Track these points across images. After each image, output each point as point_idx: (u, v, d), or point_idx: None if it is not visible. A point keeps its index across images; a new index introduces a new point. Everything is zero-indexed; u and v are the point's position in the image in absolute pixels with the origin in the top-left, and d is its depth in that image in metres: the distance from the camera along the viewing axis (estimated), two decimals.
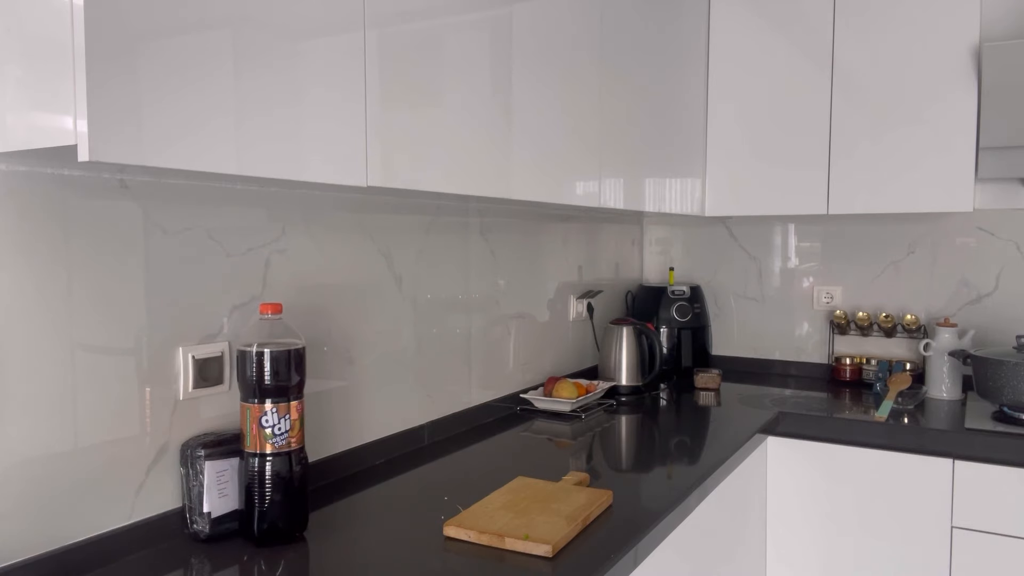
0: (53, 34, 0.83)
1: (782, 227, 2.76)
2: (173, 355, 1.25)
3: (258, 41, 1.01)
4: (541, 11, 1.64)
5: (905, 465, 1.99)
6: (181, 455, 1.25)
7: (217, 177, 1.10)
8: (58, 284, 1.09)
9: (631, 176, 2.09)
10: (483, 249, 2.02)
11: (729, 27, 2.51)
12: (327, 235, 1.53)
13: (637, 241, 2.99)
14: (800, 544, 2.15)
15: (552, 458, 1.71)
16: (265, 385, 1.20)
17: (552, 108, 1.70)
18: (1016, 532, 1.86)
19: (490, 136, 1.49)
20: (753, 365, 2.83)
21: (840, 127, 2.33)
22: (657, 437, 1.92)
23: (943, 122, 2.19)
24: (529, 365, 2.26)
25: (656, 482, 1.55)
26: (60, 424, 1.09)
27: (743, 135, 2.49)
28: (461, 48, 1.40)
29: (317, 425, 1.52)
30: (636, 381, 2.44)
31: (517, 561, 1.16)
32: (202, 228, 1.28)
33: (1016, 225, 2.37)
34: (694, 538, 1.60)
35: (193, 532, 1.24)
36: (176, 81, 0.90)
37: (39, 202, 1.06)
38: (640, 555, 1.28)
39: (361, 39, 1.18)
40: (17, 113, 0.88)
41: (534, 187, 1.65)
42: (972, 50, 2.15)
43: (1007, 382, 1.97)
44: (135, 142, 0.86)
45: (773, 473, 2.17)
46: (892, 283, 2.58)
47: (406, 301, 1.75)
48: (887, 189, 2.27)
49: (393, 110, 1.25)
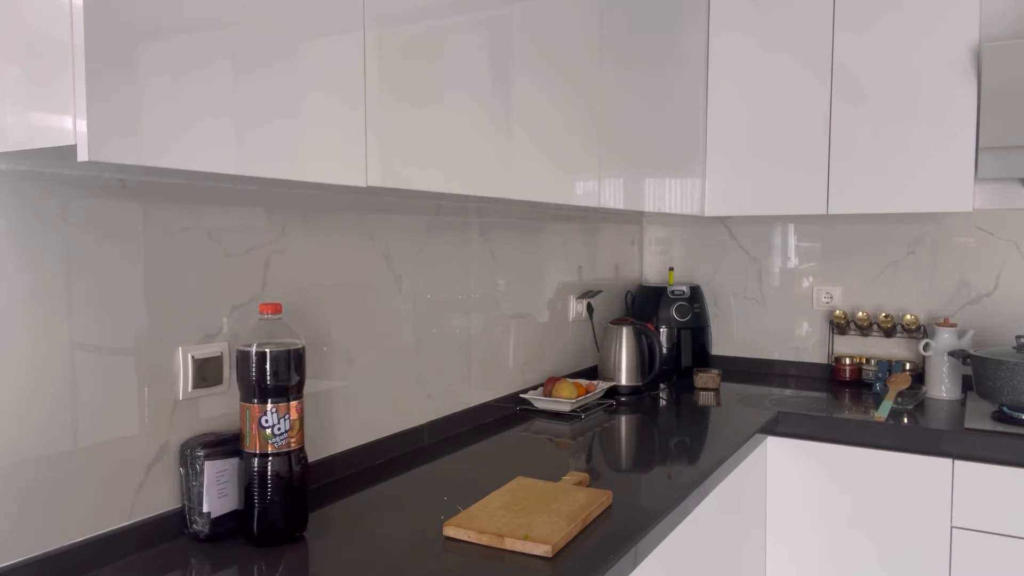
0: (53, 34, 0.83)
1: (782, 227, 2.76)
2: (173, 355, 1.25)
3: (258, 41, 1.01)
4: (541, 11, 1.64)
5: (905, 465, 1.99)
6: (181, 455, 1.26)
7: (217, 177, 1.10)
8: (58, 284, 1.09)
9: (631, 176, 2.09)
10: (483, 249, 2.02)
11: (729, 26, 2.51)
12: (327, 235, 1.53)
13: (637, 241, 2.99)
14: (800, 544, 2.15)
15: (552, 458, 1.71)
16: (265, 385, 1.21)
17: (552, 108, 1.70)
18: (1016, 532, 1.86)
19: (490, 136, 1.49)
20: (753, 365, 2.83)
21: (840, 127, 2.34)
22: (657, 437, 1.92)
23: (943, 122, 2.19)
24: (529, 365, 2.26)
25: (656, 482, 1.55)
26: (60, 424, 1.09)
27: (743, 135, 2.50)
28: (461, 48, 1.40)
29: (317, 425, 1.52)
30: (636, 381, 2.44)
31: (517, 561, 1.16)
32: (202, 228, 1.28)
33: (1016, 225, 2.37)
34: (694, 538, 1.60)
35: (193, 532, 1.24)
36: (176, 81, 0.90)
37: (39, 202, 1.06)
38: (640, 555, 1.28)
39: (361, 39, 1.18)
40: (17, 113, 0.88)
41: (534, 187, 1.65)
42: (972, 50, 2.15)
43: (1007, 382, 1.97)
44: (135, 142, 0.86)
45: (773, 473, 2.17)
46: (892, 283, 2.58)
47: (406, 301, 1.75)
48: (887, 189, 2.27)
49: (393, 110, 1.25)
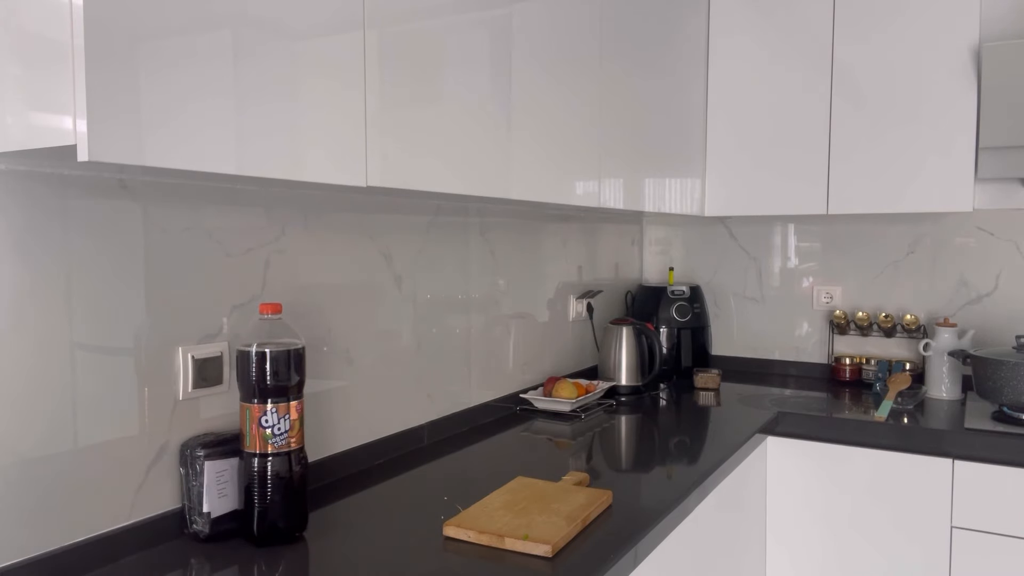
0: (53, 34, 0.83)
1: (782, 227, 2.76)
2: (173, 355, 1.25)
3: (258, 41, 1.01)
4: (541, 11, 1.64)
5: (905, 465, 1.99)
6: (181, 455, 1.26)
7: (217, 177, 1.10)
8: (58, 284, 1.09)
9: (631, 176, 2.09)
10: (483, 249, 2.02)
11: (729, 26, 2.51)
12: (327, 235, 1.53)
13: (637, 241, 2.99)
14: (800, 544, 2.15)
15: (552, 458, 1.71)
16: (265, 385, 1.20)
17: (552, 108, 1.70)
18: (1016, 532, 1.86)
19: (490, 136, 1.49)
20: (753, 365, 2.83)
21: (840, 127, 2.33)
22: (657, 437, 1.92)
23: (943, 122, 2.19)
24: (529, 365, 2.26)
25: (656, 482, 1.55)
26: (60, 424, 1.09)
27: (742, 135, 2.49)
28: (461, 48, 1.40)
29: (317, 425, 1.52)
30: (636, 381, 2.44)
31: (517, 561, 1.16)
32: (202, 228, 1.28)
33: (1016, 225, 2.37)
34: (694, 538, 1.60)
35: (193, 532, 1.24)
36: (176, 81, 0.90)
37: (39, 202, 1.06)
38: (640, 555, 1.28)
39: (360, 40, 1.18)
40: (17, 113, 0.88)
41: (534, 187, 1.65)
42: (972, 50, 2.15)
43: (1007, 382, 1.97)
44: (135, 142, 0.86)
45: (773, 473, 2.17)
46: (892, 283, 2.58)
47: (406, 301, 1.75)
48: (887, 189, 2.27)
49: (393, 110, 1.25)
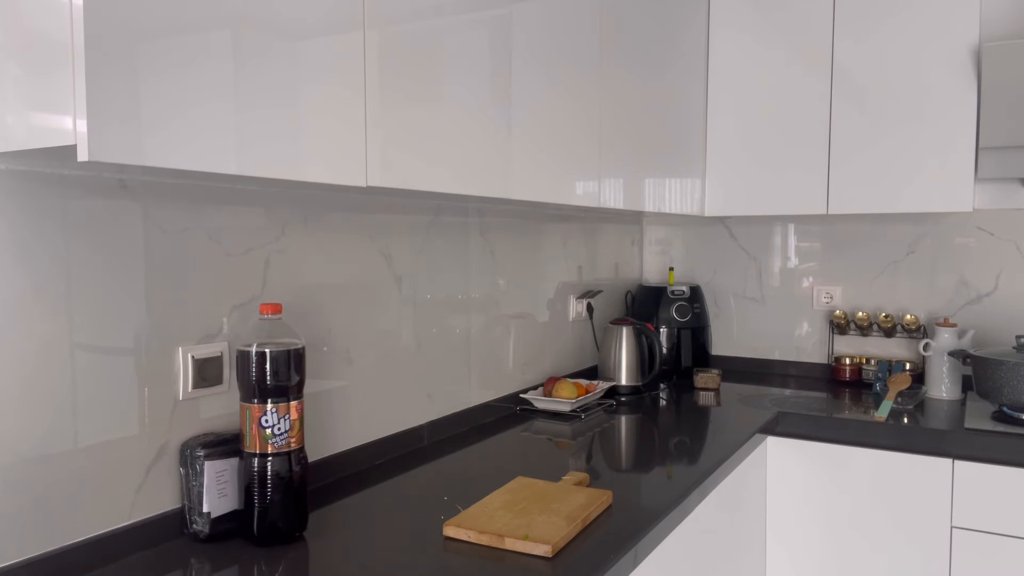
0: (53, 33, 0.83)
1: (782, 227, 2.76)
2: (173, 355, 1.25)
3: (258, 41, 1.01)
4: (541, 11, 1.64)
5: (905, 465, 1.99)
6: (181, 455, 1.26)
7: (217, 177, 1.10)
8: (58, 284, 1.09)
9: (631, 176, 2.09)
10: (483, 249, 2.02)
11: (729, 26, 2.51)
12: (327, 235, 1.53)
13: (637, 241, 2.99)
14: (800, 544, 2.15)
15: (552, 458, 1.71)
16: (265, 385, 1.20)
17: (552, 108, 1.70)
18: (1016, 532, 1.86)
19: (490, 136, 1.49)
20: (753, 365, 2.83)
21: (840, 127, 2.33)
22: (657, 437, 1.92)
23: (943, 122, 2.19)
24: (529, 365, 2.26)
25: (656, 482, 1.55)
26: (60, 424, 1.09)
27: (742, 135, 2.49)
28: (461, 48, 1.40)
29: (317, 425, 1.52)
30: (636, 381, 2.44)
31: (517, 561, 1.16)
32: (202, 228, 1.28)
33: (1016, 225, 2.37)
34: (694, 538, 1.60)
35: (193, 532, 1.24)
36: (176, 81, 0.90)
37: (39, 202, 1.06)
38: (640, 555, 1.28)
39: (360, 40, 1.18)
40: (17, 113, 0.88)
41: (534, 187, 1.65)
42: (972, 50, 2.15)
43: (1007, 382, 1.97)
44: (135, 142, 0.86)
45: (773, 473, 2.17)
46: (892, 283, 2.58)
47: (406, 301, 1.75)
48: (887, 189, 2.27)
49: (393, 110, 1.25)
